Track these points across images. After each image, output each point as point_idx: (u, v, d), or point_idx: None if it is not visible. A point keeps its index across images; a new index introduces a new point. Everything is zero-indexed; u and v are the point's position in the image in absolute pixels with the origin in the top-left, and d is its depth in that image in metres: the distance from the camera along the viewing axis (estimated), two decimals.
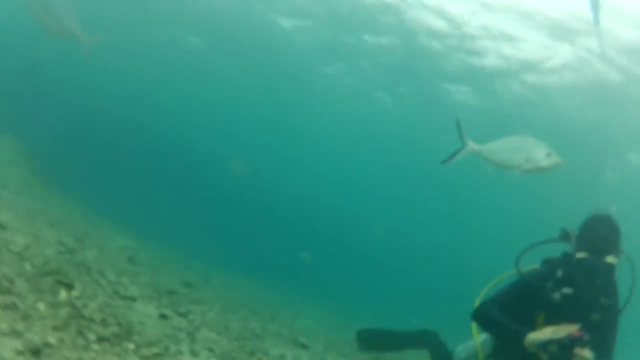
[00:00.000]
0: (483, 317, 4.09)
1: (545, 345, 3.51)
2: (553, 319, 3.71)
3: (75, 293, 3.89)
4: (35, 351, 2.83)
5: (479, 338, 4.55)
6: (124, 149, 20.94)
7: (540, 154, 4.62)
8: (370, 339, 6.69)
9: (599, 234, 3.89)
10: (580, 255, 3.82)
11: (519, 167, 4.72)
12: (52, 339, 3.04)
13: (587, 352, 3.47)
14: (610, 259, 3.76)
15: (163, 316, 4.75)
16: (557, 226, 4.19)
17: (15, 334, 2.88)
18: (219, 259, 11.71)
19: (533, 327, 3.77)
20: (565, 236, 4.09)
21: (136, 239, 9.16)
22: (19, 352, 2.75)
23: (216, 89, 22.79)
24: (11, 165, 9.44)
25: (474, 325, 4.49)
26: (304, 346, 6.11)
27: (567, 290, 3.81)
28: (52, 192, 9.52)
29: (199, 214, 15.92)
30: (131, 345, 3.53)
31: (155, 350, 3.65)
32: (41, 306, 3.36)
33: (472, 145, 5.01)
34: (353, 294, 13.85)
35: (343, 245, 24.73)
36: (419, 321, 6.71)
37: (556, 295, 3.83)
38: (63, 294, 3.74)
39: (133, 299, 4.79)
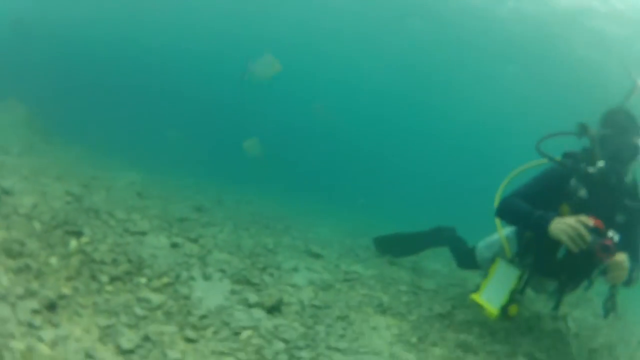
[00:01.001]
0: (507, 208, 4.02)
1: None
2: (577, 213, 3.58)
3: (85, 239, 4.15)
4: (51, 306, 3.06)
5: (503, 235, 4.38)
6: (123, 80, 20.62)
7: None
8: (387, 245, 6.70)
9: (622, 117, 3.84)
10: (607, 132, 3.77)
11: None
12: (66, 290, 3.31)
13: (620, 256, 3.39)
14: (636, 139, 3.66)
15: (174, 245, 4.96)
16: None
17: (31, 294, 3.09)
18: (230, 178, 11.68)
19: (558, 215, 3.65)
20: (583, 129, 3.95)
21: (145, 172, 9.15)
22: (36, 312, 2.94)
23: None
24: (12, 129, 9.49)
25: (498, 223, 4.40)
26: (317, 256, 6.16)
27: (594, 176, 3.72)
28: (55, 145, 9.58)
29: (206, 136, 15.94)
30: (143, 280, 3.83)
31: (165, 280, 3.95)
32: (53, 260, 3.63)
33: None
34: (368, 197, 13.94)
35: (352, 150, 24.69)
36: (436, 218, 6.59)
37: (582, 192, 3.77)
38: (73, 244, 4.01)
39: (144, 233, 4.99)
